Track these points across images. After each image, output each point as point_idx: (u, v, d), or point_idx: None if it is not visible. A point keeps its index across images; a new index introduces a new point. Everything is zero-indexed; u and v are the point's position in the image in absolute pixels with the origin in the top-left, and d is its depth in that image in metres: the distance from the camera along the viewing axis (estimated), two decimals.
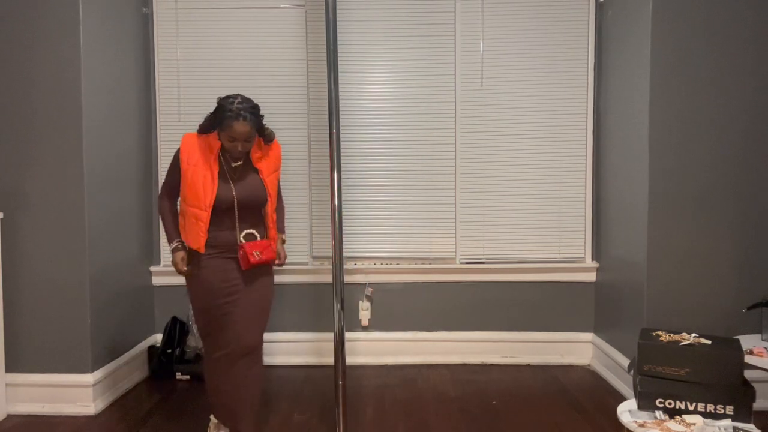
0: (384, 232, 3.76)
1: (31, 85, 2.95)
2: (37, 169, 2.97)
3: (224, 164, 2.45)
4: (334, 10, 2.58)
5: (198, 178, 2.38)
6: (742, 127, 2.94)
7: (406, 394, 3.27)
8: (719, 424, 2.03)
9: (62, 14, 2.93)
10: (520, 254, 3.74)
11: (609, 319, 3.52)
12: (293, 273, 3.71)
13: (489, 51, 3.68)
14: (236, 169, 2.47)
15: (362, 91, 3.70)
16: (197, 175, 2.39)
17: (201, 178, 2.38)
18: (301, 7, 3.67)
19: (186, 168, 2.41)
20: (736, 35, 2.91)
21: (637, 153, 3.09)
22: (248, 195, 2.46)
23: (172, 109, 3.71)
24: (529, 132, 3.69)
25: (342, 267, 2.59)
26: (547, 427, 2.83)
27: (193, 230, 2.42)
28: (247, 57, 3.68)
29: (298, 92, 3.69)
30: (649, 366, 2.17)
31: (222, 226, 2.44)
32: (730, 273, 2.97)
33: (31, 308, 3.01)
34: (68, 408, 3.01)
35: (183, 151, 2.43)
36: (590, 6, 3.63)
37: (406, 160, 3.72)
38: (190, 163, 2.41)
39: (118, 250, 3.32)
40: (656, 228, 2.97)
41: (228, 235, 2.44)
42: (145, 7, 3.65)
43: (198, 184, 2.38)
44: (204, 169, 2.40)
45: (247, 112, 2.35)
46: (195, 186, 2.38)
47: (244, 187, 2.46)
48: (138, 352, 3.51)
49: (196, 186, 2.38)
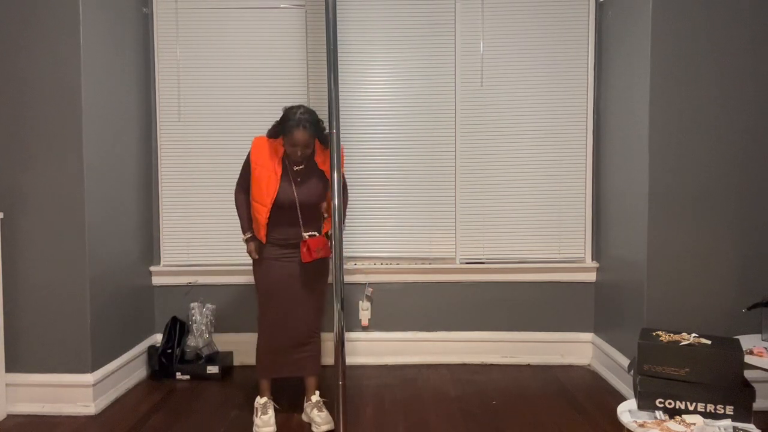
0: (384, 232, 3.76)
1: (30, 85, 2.95)
2: (37, 169, 2.97)
3: (288, 167, 2.73)
4: (334, 10, 2.58)
5: (263, 177, 2.69)
6: (742, 126, 2.94)
7: (406, 394, 3.27)
8: (719, 424, 2.03)
9: (62, 14, 2.93)
10: (520, 254, 3.74)
11: (609, 319, 3.52)
12: None
13: (489, 51, 3.68)
14: (299, 172, 2.74)
15: (362, 91, 3.70)
16: (263, 174, 2.69)
17: (266, 178, 2.69)
18: (301, 7, 3.67)
19: (254, 167, 2.72)
20: (736, 35, 2.91)
21: (637, 153, 3.09)
22: (308, 196, 2.73)
23: (172, 109, 3.71)
24: (529, 132, 3.69)
25: (342, 267, 2.59)
26: (547, 427, 2.83)
27: (256, 223, 2.76)
28: (247, 57, 3.68)
29: (298, 92, 3.68)
30: (649, 366, 2.17)
31: (285, 223, 2.73)
32: (730, 273, 2.97)
33: (31, 308, 3.01)
34: (68, 408, 3.01)
35: (253, 152, 2.75)
36: (590, 6, 3.63)
37: (406, 160, 3.72)
38: (257, 163, 2.71)
39: (118, 250, 3.32)
40: (656, 228, 2.97)
41: (290, 231, 2.74)
42: (145, 7, 3.65)
43: (262, 182, 2.69)
44: (269, 170, 2.69)
45: (307, 122, 2.63)
46: (260, 184, 2.69)
47: (306, 188, 2.73)
48: (138, 352, 3.51)
49: (260, 184, 2.69)
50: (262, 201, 2.70)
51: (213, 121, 3.69)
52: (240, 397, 3.21)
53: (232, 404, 3.13)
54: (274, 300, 2.78)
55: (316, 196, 2.75)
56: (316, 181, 2.76)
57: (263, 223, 2.71)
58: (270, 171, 2.69)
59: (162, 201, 3.74)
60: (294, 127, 2.62)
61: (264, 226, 2.72)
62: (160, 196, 3.74)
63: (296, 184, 2.73)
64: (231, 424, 2.88)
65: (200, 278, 3.75)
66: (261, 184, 2.69)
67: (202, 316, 3.63)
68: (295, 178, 2.73)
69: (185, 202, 3.73)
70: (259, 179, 2.70)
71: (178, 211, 3.74)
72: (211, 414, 3.00)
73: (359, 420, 2.92)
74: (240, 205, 2.86)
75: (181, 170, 3.72)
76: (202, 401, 3.18)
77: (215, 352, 3.65)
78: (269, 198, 2.68)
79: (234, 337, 3.73)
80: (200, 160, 3.70)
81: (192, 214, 3.73)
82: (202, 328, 3.62)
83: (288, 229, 2.74)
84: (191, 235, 3.73)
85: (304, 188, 2.74)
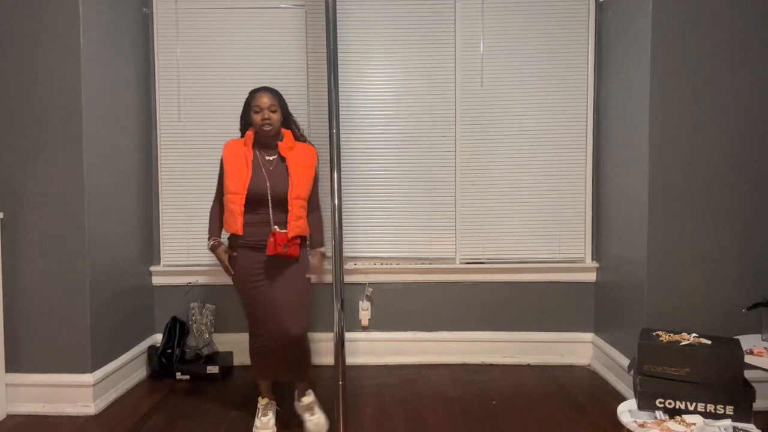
0: (384, 232, 3.76)
1: (31, 85, 2.95)
2: (38, 169, 2.97)
3: (259, 156, 2.73)
4: (334, 10, 2.58)
5: (234, 167, 2.69)
6: (742, 126, 2.93)
7: (406, 394, 3.27)
8: (719, 424, 2.03)
9: (62, 14, 2.93)
10: (520, 254, 3.74)
11: (609, 319, 3.52)
12: None
13: (489, 51, 3.68)
14: (270, 162, 2.73)
15: (362, 91, 3.70)
16: (233, 164, 2.70)
17: (237, 167, 2.68)
18: (301, 7, 3.67)
19: (226, 167, 2.72)
20: (737, 35, 2.91)
21: (637, 153, 3.09)
22: (280, 185, 2.69)
23: (172, 109, 3.71)
24: (529, 132, 3.69)
25: (342, 267, 2.59)
26: (547, 427, 2.83)
27: (231, 215, 2.68)
28: (247, 57, 3.69)
29: (298, 92, 3.68)
30: (649, 366, 2.17)
31: (257, 216, 2.69)
32: (731, 273, 2.97)
33: (31, 308, 3.01)
34: (68, 408, 3.01)
35: (224, 155, 2.75)
36: (590, 6, 3.63)
37: (406, 160, 3.72)
38: (228, 161, 2.72)
39: (118, 250, 3.32)
40: (656, 228, 2.97)
41: (262, 226, 2.68)
42: (145, 7, 3.65)
43: (234, 171, 2.68)
44: (240, 161, 2.69)
45: (268, 88, 2.74)
46: (232, 174, 2.68)
47: (277, 177, 2.70)
48: (138, 352, 3.51)
49: (233, 173, 2.68)
50: (236, 190, 2.66)
51: (213, 121, 3.69)
52: (240, 397, 3.21)
53: (232, 404, 3.13)
54: (256, 304, 2.72)
55: (287, 186, 2.71)
56: (287, 171, 2.73)
57: (239, 212, 2.66)
58: (241, 162, 2.69)
59: (162, 201, 3.74)
60: (255, 92, 2.72)
61: (240, 215, 2.66)
62: (160, 196, 3.74)
63: (268, 173, 2.70)
64: (231, 424, 2.89)
65: (200, 278, 3.75)
66: (234, 175, 2.68)
67: (202, 316, 3.63)
68: (267, 167, 2.71)
69: (185, 202, 3.73)
70: (230, 172, 2.69)
71: (178, 211, 3.74)
72: (211, 414, 3.01)
73: (359, 420, 2.92)
74: (212, 214, 2.83)
75: (181, 170, 3.72)
76: (202, 401, 3.18)
77: (215, 352, 3.65)
78: (243, 184, 2.65)
79: (234, 337, 3.73)
80: (200, 160, 3.70)
81: (192, 214, 3.72)
82: (202, 328, 3.63)
83: (261, 228, 2.68)
84: (191, 235, 3.73)
85: (277, 177, 2.70)
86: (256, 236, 2.69)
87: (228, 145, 2.78)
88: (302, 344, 2.70)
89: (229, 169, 2.71)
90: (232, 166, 2.70)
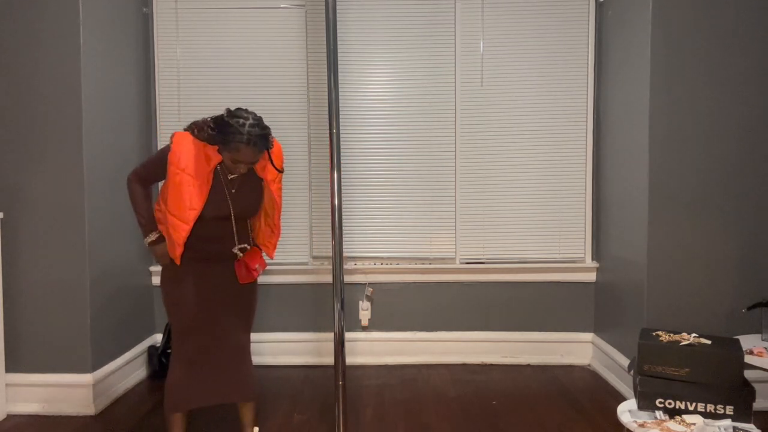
0: (384, 232, 3.76)
1: (31, 85, 2.95)
2: (38, 169, 2.97)
3: (221, 176, 2.27)
4: (334, 10, 2.58)
5: (185, 187, 2.16)
6: (743, 127, 2.93)
7: (406, 394, 3.27)
8: (719, 424, 2.03)
9: (62, 14, 2.93)
10: (520, 254, 3.74)
11: (609, 319, 3.52)
12: (293, 273, 3.72)
13: (489, 51, 3.68)
14: (234, 180, 2.29)
15: (362, 91, 3.70)
16: (184, 184, 2.16)
17: (188, 189, 2.17)
18: (301, 7, 3.68)
19: (174, 172, 2.17)
20: (737, 35, 2.90)
21: (637, 153, 3.09)
22: (246, 207, 2.32)
23: (172, 109, 3.71)
24: (529, 132, 3.69)
25: (342, 267, 2.59)
26: (547, 427, 2.83)
27: (169, 240, 2.25)
28: (247, 57, 3.69)
29: (298, 92, 3.69)
30: (649, 366, 2.17)
31: (212, 237, 2.27)
32: (730, 273, 2.97)
33: (31, 308, 3.01)
34: (68, 408, 3.00)
35: (174, 151, 2.19)
36: (590, 6, 3.63)
37: (406, 159, 3.72)
38: (179, 167, 2.17)
39: (117, 250, 3.32)
40: (656, 228, 2.97)
41: (219, 247, 2.30)
42: (145, 7, 3.65)
43: (184, 195, 2.17)
44: (195, 180, 2.18)
45: (258, 137, 2.15)
46: (181, 194, 2.17)
47: (243, 198, 2.31)
48: (138, 352, 3.51)
49: (181, 196, 2.17)
50: (182, 216, 2.17)
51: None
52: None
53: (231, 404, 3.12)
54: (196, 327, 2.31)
55: (254, 207, 2.35)
56: (253, 190, 2.34)
57: (180, 242, 2.19)
58: (196, 183, 2.17)
59: None
60: (242, 143, 2.13)
61: (181, 245, 2.20)
62: None
63: (231, 196, 2.27)
64: (230, 424, 2.88)
65: None
66: (183, 195, 2.16)
67: None
68: (230, 189, 2.27)
69: None
70: (179, 188, 2.16)
71: None
72: (211, 414, 3.00)
73: (359, 420, 2.92)
74: (137, 199, 2.32)
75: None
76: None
77: None
78: (193, 212, 2.17)
79: None
80: None
81: None
82: None
83: (214, 244, 2.28)
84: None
85: (241, 200, 2.29)
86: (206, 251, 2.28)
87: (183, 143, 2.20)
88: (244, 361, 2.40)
89: (178, 181, 2.16)
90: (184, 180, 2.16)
